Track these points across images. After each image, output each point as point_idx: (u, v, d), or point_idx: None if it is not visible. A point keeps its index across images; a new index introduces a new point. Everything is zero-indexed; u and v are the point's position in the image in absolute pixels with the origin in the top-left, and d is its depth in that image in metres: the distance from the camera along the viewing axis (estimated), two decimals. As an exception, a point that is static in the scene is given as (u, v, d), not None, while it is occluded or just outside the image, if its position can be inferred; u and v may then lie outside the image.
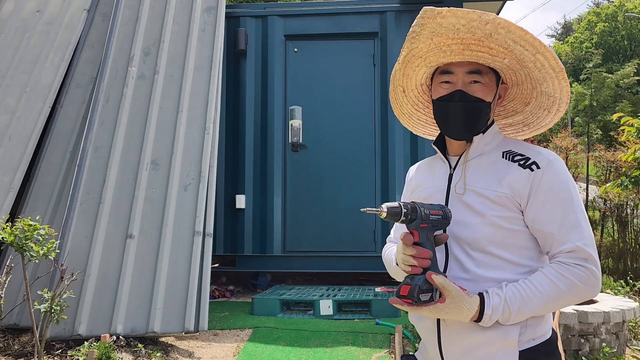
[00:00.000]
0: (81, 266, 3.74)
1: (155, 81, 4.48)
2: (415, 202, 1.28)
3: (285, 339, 3.88)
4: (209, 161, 4.21)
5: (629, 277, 6.07)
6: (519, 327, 1.28)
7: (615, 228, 7.66)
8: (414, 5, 5.61)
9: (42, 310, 3.12)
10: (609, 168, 8.52)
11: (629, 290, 5.52)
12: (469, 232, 1.33)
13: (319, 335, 3.97)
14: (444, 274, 1.28)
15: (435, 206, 1.32)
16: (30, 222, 3.12)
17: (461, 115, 1.37)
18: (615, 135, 8.50)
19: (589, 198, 8.18)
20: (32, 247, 3.08)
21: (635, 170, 4.90)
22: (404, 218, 1.25)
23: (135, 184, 4.08)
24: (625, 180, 4.89)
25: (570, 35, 38.73)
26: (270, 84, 5.76)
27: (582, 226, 1.28)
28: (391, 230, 1.69)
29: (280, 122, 5.73)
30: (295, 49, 5.85)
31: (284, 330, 4.08)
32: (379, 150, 5.60)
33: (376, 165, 5.59)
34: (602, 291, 5.20)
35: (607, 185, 5.26)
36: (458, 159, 1.44)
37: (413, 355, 1.51)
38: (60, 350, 3.46)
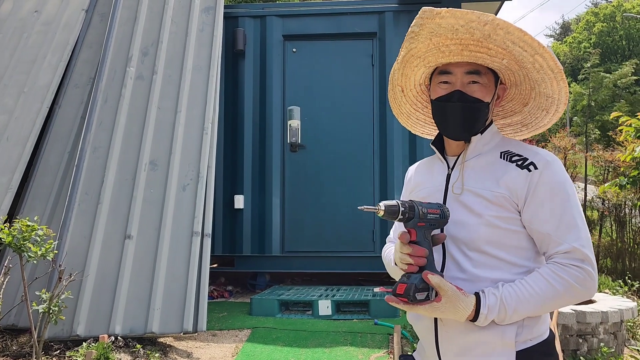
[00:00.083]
0: (79, 267, 3.73)
1: (154, 81, 4.47)
2: (413, 201, 1.28)
3: (283, 340, 3.88)
4: (208, 161, 4.21)
5: (627, 277, 6.08)
6: (515, 327, 1.28)
7: (613, 228, 7.66)
8: (413, 5, 5.61)
9: (41, 311, 3.11)
10: (607, 168, 8.53)
11: (627, 290, 5.53)
12: (466, 232, 1.33)
13: (317, 335, 3.97)
14: (440, 274, 1.28)
15: (434, 205, 1.32)
16: (29, 223, 3.11)
17: (460, 115, 1.38)
18: (614, 135, 8.51)
19: (588, 198, 8.18)
20: (30, 248, 3.07)
21: (633, 170, 4.91)
22: (402, 216, 1.25)
23: (134, 184, 4.08)
24: (623, 180, 4.90)
25: (568, 35, 38.77)
26: (269, 84, 5.76)
27: (579, 227, 1.28)
28: (390, 230, 1.69)
29: (279, 123, 5.73)
30: (294, 49, 5.85)
31: (282, 330, 4.08)
32: (377, 150, 5.60)
33: (375, 165, 5.59)
34: (601, 291, 5.20)
35: (605, 185, 5.27)
36: (456, 159, 1.44)
37: (411, 355, 1.51)
38: (58, 351, 3.46)
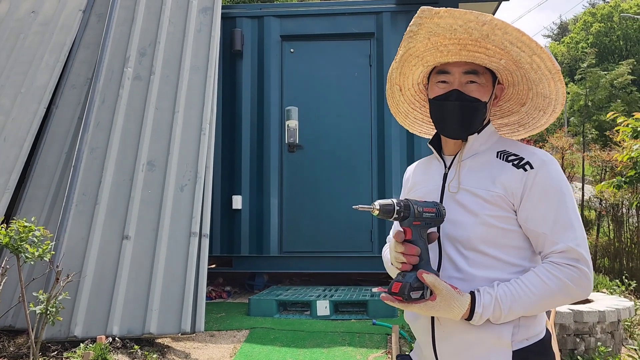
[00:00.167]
0: (77, 267, 3.73)
1: (151, 82, 4.47)
2: (408, 200, 1.29)
3: (282, 340, 3.88)
4: (205, 162, 4.20)
5: (624, 277, 6.09)
6: (511, 327, 1.28)
7: (611, 227, 7.68)
8: (410, 5, 5.61)
9: (38, 312, 3.10)
10: (604, 168, 8.55)
11: (624, 289, 5.54)
12: (462, 231, 1.34)
13: (315, 335, 3.97)
14: (436, 273, 1.29)
15: (429, 203, 1.32)
16: (26, 224, 3.11)
17: (457, 114, 1.38)
18: (611, 135, 8.52)
19: (585, 198, 8.20)
20: (28, 249, 3.07)
21: (630, 169, 4.92)
22: (397, 215, 1.25)
23: (131, 185, 4.07)
24: (620, 179, 4.91)
25: (566, 35, 38.84)
26: (267, 85, 5.76)
27: (575, 227, 1.28)
28: (390, 230, 1.70)
29: (277, 123, 5.73)
30: (292, 50, 5.85)
31: (280, 331, 4.08)
32: (375, 150, 5.61)
33: (373, 165, 5.59)
34: (598, 290, 5.21)
35: (602, 184, 5.29)
36: (453, 158, 1.45)
37: (408, 355, 1.51)
38: (55, 352, 3.45)
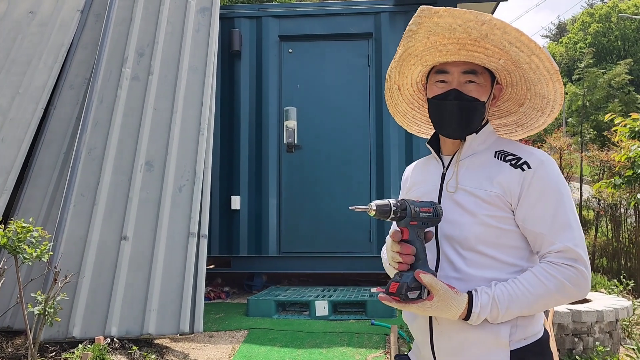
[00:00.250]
0: (75, 268, 3.72)
1: (150, 82, 4.46)
2: (405, 200, 1.29)
3: (280, 340, 3.88)
4: (204, 162, 4.20)
5: (622, 276, 6.10)
6: (509, 327, 1.28)
7: (609, 227, 7.69)
8: (408, 6, 5.62)
9: (36, 312, 3.10)
10: (602, 168, 8.56)
11: (622, 289, 5.55)
12: (460, 231, 1.34)
13: (314, 336, 3.97)
14: (433, 272, 1.28)
15: (426, 203, 1.32)
16: (24, 224, 3.10)
17: (456, 114, 1.38)
18: (609, 135, 8.54)
19: (583, 198, 8.21)
20: (26, 249, 3.06)
21: (628, 169, 4.92)
22: (393, 215, 1.25)
23: (130, 185, 4.07)
24: (618, 179, 4.92)
25: (564, 35, 38.91)
26: (265, 85, 5.76)
27: (573, 226, 1.28)
28: (389, 230, 1.70)
29: (275, 123, 5.72)
30: (290, 50, 5.85)
31: (279, 331, 4.08)
32: (374, 151, 5.61)
33: (371, 165, 5.60)
34: (596, 290, 5.22)
35: (599, 183, 5.30)
36: (451, 158, 1.45)
37: (406, 355, 1.51)
38: (54, 353, 3.44)
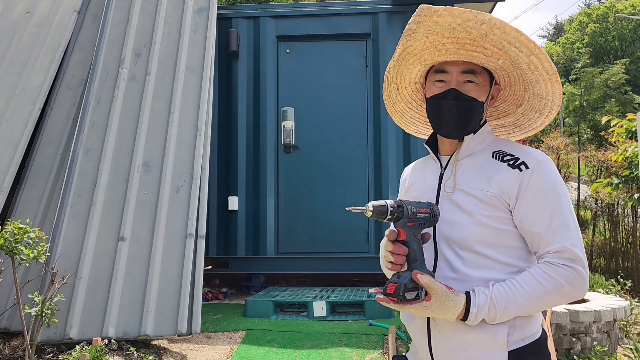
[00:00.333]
0: (72, 269, 3.71)
1: (147, 83, 4.45)
2: (402, 200, 1.28)
3: (278, 341, 3.87)
4: (201, 163, 4.19)
5: (619, 276, 6.11)
6: (507, 327, 1.28)
7: (606, 227, 7.70)
8: (406, 6, 5.62)
9: (33, 314, 3.09)
10: (599, 168, 8.57)
11: (620, 289, 5.55)
12: (458, 232, 1.33)
13: (312, 336, 3.96)
14: (431, 273, 1.28)
15: (423, 204, 1.32)
16: (21, 225, 3.09)
17: (454, 113, 1.38)
18: (606, 136, 8.56)
19: (581, 198, 8.23)
20: (23, 251, 3.05)
21: (625, 169, 4.94)
22: (390, 216, 1.25)
23: (127, 186, 4.06)
24: (615, 179, 4.94)
25: (561, 35, 38.98)
26: (263, 85, 5.75)
27: (570, 227, 1.28)
28: None
29: (273, 124, 5.72)
30: (288, 50, 5.84)
31: (277, 332, 4.07)
32: (371, 151, 5.61)
33: (369, 165, 5.60)
34: (594, 290, 5.23)
35: (596, 182, 5.31)
36: (449, 158, 1.45)
37: (404, 355, 1.51)
38: (51, 354, 3.43)
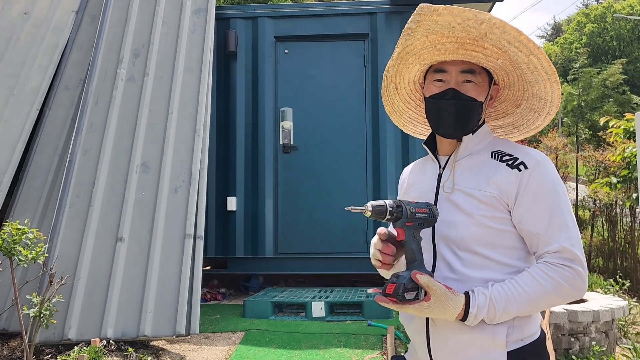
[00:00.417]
0: (70, 270, 3.70)
1: (145, 83, 4.45)
2: (401, 201, 1.28)
3: (277, 342, 3.87)
4: (200, 163, 4.19)
5: (618, 276, 6.11)
6: (506, 328, 1.28)
7: (605, 227, 7.70)
8: (404, 6, 5.62)
9: (31, 315, 3.08)
10: (598, 168, 8.58)
11: (618, 289, 5.56)
12: (457, 232, 1.33)
13: (311, 337, 3.96)
14: (430, 273, 1.28)
15: (422, 204, 1.32)
16: (19, 226, 3.09)
17: (453, 113, 1.38)
18: (604, 136, 8.57)
19: (579, 198, 8.23)
20: (21, 251, 3.05)
21: (623, 169, 4.95)
22: (389, 216, 1.25)
23: (125, 186, 4.05)
24: (612, 178, 4.95)
25: (559, 36, 39.02)
26: (261, 86, 5.75)
27: (569, 227, 1.28)
28: None
29: (271, 124, 5.72)
30: (286, 50, 5.84)
31: (276, 332, 4.07)
32: (370, 151, 5.61)
33: (367, 166, 5.60)
34: (592, 290, 5.23)
35: (595, 183, 5.31)
36: (448, 158, 1.44)
37: (403, 356, 1.51)
38: (49, 355, 3.43)
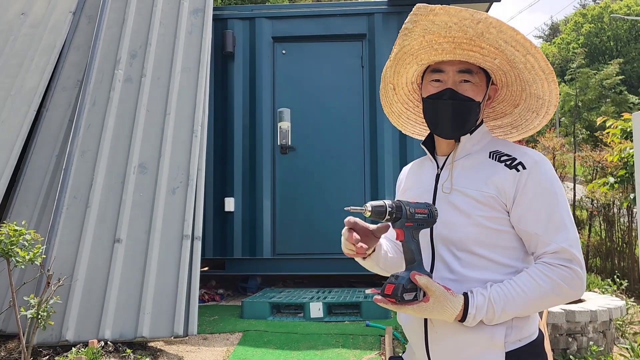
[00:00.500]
0: (68, 271, 3.70)
1: (142, 84, 4.45)
2: (400, 201, 1.28)
3: (275, 342, 3.87)
4: (197, 164, 4.19)
5: (615, 276, 6.12)
6: (504, 328, 1.28)
7: (602, 227, 7.72)
8: (402, 7, 5.63)
9: (29, 316, 3.08)
10: (595, 168, 8.59)
11: (616, 289, 5.56)
12: (455, 232, 1.33)
13: (309, 338, 3.96)
14: (428, 274, 1.28)
15: (421, 205, 1.31)
16: (16, 227, 3.08)
17: (450, 113, 1.38)
18: (601, 136, 8.59)
19: (577, 198, 8.25)
20: (18, 253, 3.04)
21: (620, 169, 4.96)
22: (389, 217, 1.25)
23: (123, 187, 4.05)
24: (610, 178, 4.96)
25: (557, 36, 39.10)
26: (259, 86, 5.75)
27: (568, 227, 1.28)
28: None
29: (269, 125, 5.71)
30: (284, 51, 5.84)
31: (274, 333, 4.07)
32: (368, 152, 5.61)
33: (365, 166, 5.60)
34: (590, 290, 5.24)
35: (592, 183, 5.33)
36: (446, 159, 1.44)
37: (401, 356, 1.50)
38: (47, 357, 3.42)
